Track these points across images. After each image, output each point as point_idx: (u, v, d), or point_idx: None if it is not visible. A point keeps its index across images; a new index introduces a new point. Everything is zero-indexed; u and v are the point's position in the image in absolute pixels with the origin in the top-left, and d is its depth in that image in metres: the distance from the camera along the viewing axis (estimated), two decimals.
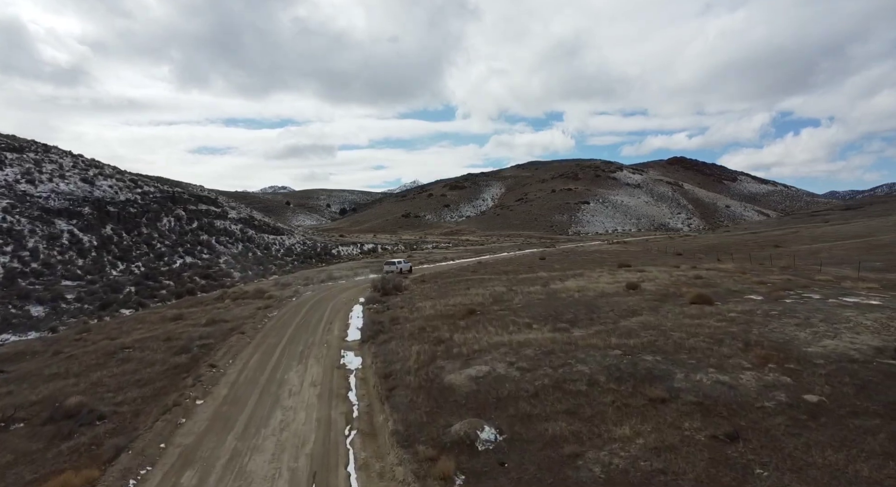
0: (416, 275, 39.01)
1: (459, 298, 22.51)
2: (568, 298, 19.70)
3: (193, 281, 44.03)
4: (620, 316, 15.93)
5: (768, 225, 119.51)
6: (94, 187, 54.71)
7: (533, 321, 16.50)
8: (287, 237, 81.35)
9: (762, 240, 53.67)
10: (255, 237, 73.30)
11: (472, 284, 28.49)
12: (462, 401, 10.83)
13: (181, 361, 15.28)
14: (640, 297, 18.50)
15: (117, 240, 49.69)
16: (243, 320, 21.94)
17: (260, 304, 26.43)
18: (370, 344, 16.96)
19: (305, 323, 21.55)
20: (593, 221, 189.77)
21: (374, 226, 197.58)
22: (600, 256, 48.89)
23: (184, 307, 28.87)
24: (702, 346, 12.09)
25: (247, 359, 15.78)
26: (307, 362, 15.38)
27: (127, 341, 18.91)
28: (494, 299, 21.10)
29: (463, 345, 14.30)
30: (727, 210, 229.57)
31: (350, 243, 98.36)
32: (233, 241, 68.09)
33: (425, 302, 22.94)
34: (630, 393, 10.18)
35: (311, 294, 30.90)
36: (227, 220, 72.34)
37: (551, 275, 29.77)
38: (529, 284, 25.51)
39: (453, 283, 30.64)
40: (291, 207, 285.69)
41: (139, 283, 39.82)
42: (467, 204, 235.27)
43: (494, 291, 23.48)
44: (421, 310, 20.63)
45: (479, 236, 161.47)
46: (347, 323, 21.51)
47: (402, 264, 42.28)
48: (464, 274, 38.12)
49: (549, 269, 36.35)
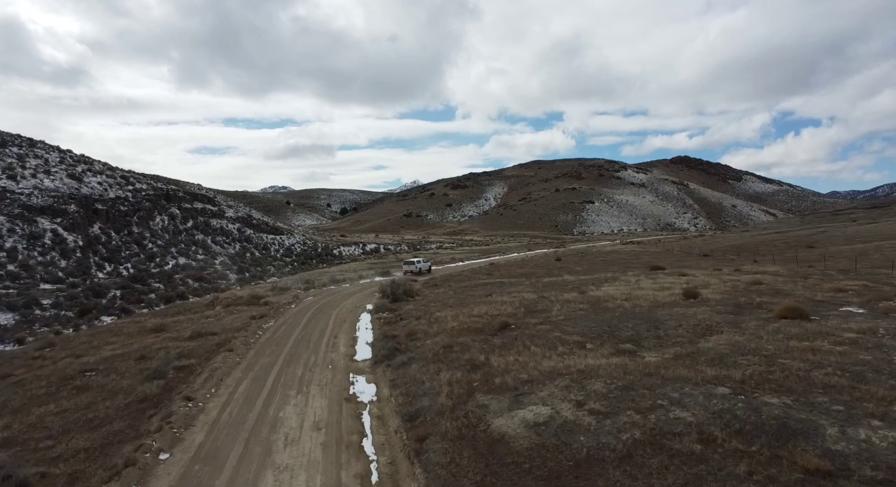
0: (426, 278, 35.98)
1: (484, 307, 19.48)
2: (617, 309, 16.66)
3: (185, 284, 41.00)
4: (696, 335, 12.89)
5: (791, 224, 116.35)
6: (81, 184, 51.68)
7: (585, 339, 13.47)
8: (287, 237, 78.36)
9: (791, 240, 50.65)
10: (253, 237, 70.31)
11: (493, 289, 25.46)
12: (524, 464, 7.79)
13: (150, 391, 12.25)
14: (708, 308, 15.45)
15: (105, 239, 46.68)
16: (234, 332, 18.91)
17: (254, 312, 23.40)
18: (384, 365, 13.94)
19: (306, 336, 18.52)
20: (598, 221, 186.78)
21: (376, 225, 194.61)
22: (622, 257, 45.85)
23: (169, 315, 25.83)
24: (839, 383, 9.04)
25: (233, 387, 12.75)
26: (308, 391, 12.36)
27: (92, 360, 15.88)
28: (527, 309, 18.06)
29: (506, 373, 11.28)
30: (733, 210, 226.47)
31: (352, 243, 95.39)
32: (230, 241, 65.10)
33: (444, 311, 19.91)
34: (769, 460, 7.12)
35: (312, 300, 27.86)
36: (223, 219, 69.32)
37: (580, 279, 26.73)
38: (561, 290, 22.47)
39: (470, 288, 27.61)
40: (291, 207, 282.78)
41: (126, 286, 36.79)
42: (470, 203, 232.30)
43: (523, 299, 20.45)
44: (442, 322, 17.60)
45: (482, 236, 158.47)
46: (355, 336, 18.50)
47: (421, 263, 41.03)
48: (478, 276, 35.12)
49: (572, 272, 33.33)
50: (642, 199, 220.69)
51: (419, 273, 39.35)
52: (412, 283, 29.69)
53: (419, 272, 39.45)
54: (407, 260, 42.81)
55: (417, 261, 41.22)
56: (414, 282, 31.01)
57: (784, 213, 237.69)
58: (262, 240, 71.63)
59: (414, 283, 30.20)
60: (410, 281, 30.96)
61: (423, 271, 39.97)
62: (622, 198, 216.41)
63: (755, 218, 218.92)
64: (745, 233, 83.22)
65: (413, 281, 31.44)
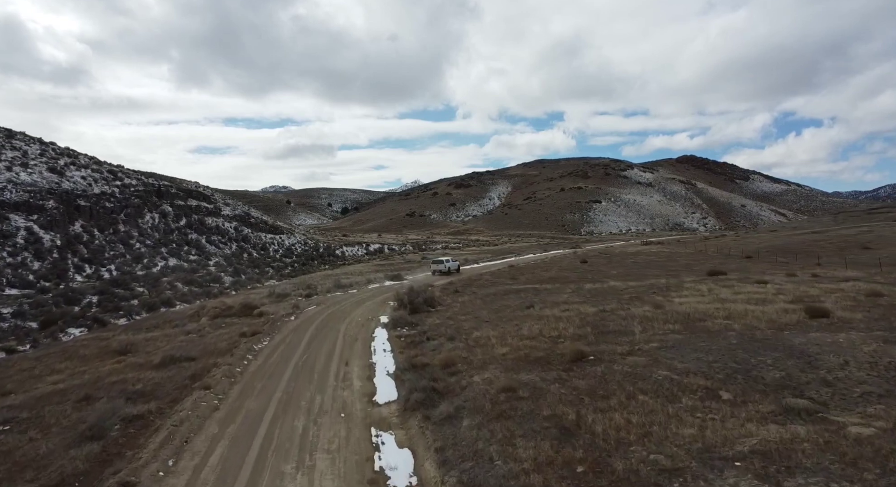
0: (444, 282, 31.89)
1: (533, 324, 15.37)
2: (723, 331, 12.52)
3: (173, 288, 36.89)
4: (889, 382, 8.74)
5: (824, 223, 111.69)
6: (62, 178, 47.56)
7: (712, 382, 9.34)
8: (287, 236, 74.26)
9: (836, 241, 46.49)
10: (251, 236, 66.21)
11: (530, 298, 21.36)
12: None
13: (74, 467, 8.14)
14: (862, 334, 11.31)
15: (87, 238, 42.59)
16: (216, 357, 14.80)
17: (246, 327, 19.27)
18: (420, 417, 9.82)
19: (308, 362, 14.41)
20: (606, 220, 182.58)
21: (378, 225, 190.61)
22: (656, 259, 41.70)
23: (144, 329, 21.72)
24: None
25: (201, 458, 8.63)
26: (313, 464, 8.28)
27: (19, 401, 11.79)
28: (595, 328, 13.93)
29: (623, 448, 7.18)
30: (743, 209, 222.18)
31: (354, 243, 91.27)
32: (226, 241, 61.01)
33: (483, 328, 15.80)
34: None
35: (314, 309, 23.74)
36: (220, 218, 65.22)
37: (631, 286, 22.59)
38: (621, 300, 18.34)
39: (500, 296, 23.50)
40: (292, 206, 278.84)
41: (104, 291, 32.69)
42: (473, 203, 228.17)
43: (582, 313, 16.32)
44: (485, 346, 13.49)
45: (488, 236, 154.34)
46: (371, 361, 14.41)
47: (450, 263, 39.52)
48: (501, 280, 31.01)
49: (611, 276, 29.20)
50: (650, 199, 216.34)
51: (448, 272, 37.94)
52: (431, 290, 25.59)
53: (448, 271, 37.99)
54: (435, 260, 41.21)
55: (446, 260, 39.55)
56: (432, 288, 26.92)
57: (794, 213, 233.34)
58: (261, 240, 67.54)
59: (433, 290, 26.11)
60: (430, 288, 26.89)
61: (451, 270, 38.56)
62: (629, 197, 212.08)
63: (765, 218, 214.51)
64: (774, 232, 79.04)
65: (432, 287, 27.35)
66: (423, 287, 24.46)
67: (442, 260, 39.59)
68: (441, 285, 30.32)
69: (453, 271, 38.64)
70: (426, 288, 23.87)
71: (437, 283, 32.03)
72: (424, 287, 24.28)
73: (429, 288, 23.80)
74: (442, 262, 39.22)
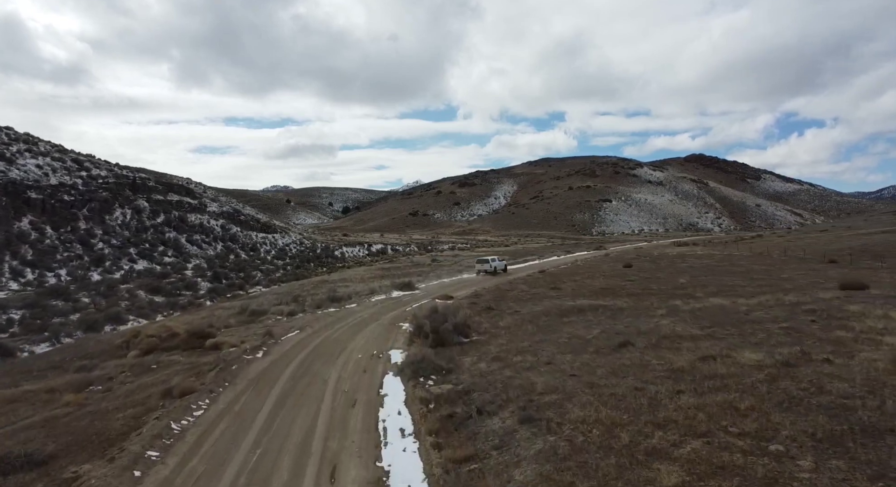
0: (468, 292, 24.96)
1: (664, 387, 8.40)
2: None
3: (132, 298, 30.03)
4: None
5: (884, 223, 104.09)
6: (11, 166, 40.76)
7: None
8: (280, 236, 67.39)
9: None
10: (239, 235, 59.34)
11: (608, 324, 14.38)
12: None
13: None
14: None
15: (36, 237, 35.75)
16: (89, 455, 7.88)
17: (181, 374, 12.33)
18: None
19: (261, 467, 7.46)
20: (617, 220, 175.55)
21: (380, 224, 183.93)
22: (719, 264, 34.71)
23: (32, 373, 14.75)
24: None
25: None
26: None
27: None
28: (787, 397, 6.93)
29: None
30: (758, 209, 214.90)
31: (355, 243, 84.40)
32: (210, 240, 54.15)
33: (568, 388, 8.81)
34: None
35: (296, 337, 16.78)
36: (205, 215, 58.36)
37: (749, 306, 15.60)
38: (770, 334, 11.31)
39: (554, 318, 16.59)
40: (292, 205, 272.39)
41: (36, 304, 25.81)
42: (479, 202, 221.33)
43: (742, 367, 9.31)
44: (614, 451, 6.48)
45: (495, 236, 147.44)
46: (378, 464, 7.58)
47: (497, 262, 36.60)
48: (541, 291, 24.15)
49: (687, 287, 22.25)
50: (661, 198, 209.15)
51: (494, 273, 35.22)
52: (456, 306, 18.65)
53: (494, 272, 35.29)
54: (480, 259, 38.14)
55: (492, 259, 36.64)
56: (454, 302, 19.99)
57: (809, 213, 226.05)
58: (251, 240, 60.67)
59: (457, 305, 19.20)
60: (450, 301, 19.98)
61: (498, 271, 35.73)
62: (640, 196, 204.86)
63: (781, 218, 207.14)
64: (825, 232, 71.87)
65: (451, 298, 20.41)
66: (455, 309, 17.45)
67: (487, 260, 36.57)
68: (465, 297, 23.36)
69: (500, 271, 35.63)
70: (458, 310, 16.85)
71: (460, 294, 25.10)
72: (456, 309, 17.27)
73: (458, 310, 16.77)
74: (487, 261, 36.20)
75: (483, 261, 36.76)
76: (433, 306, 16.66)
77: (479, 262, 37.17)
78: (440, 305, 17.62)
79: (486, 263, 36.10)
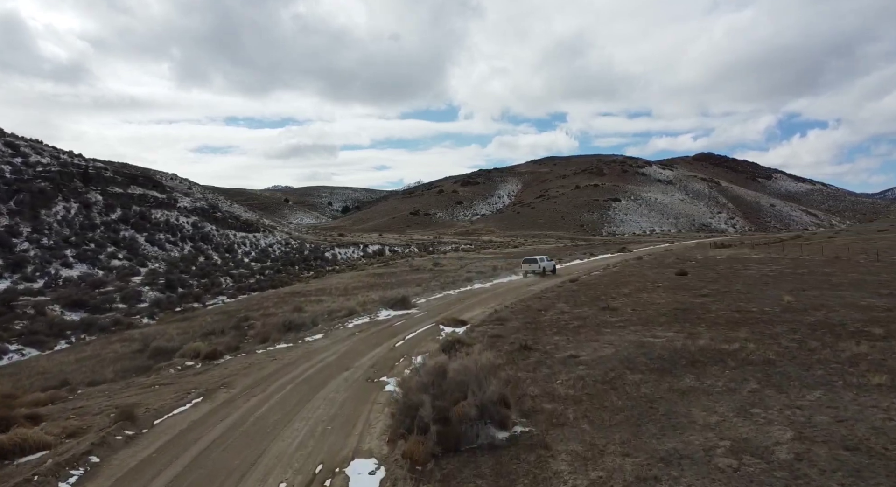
0: (484, 312, 17.44)
1: None
2: None
3: (35, 317, 22.59)
4: None
5: None
6: None
7: None
8: (263, 235, 59.96)
9: None
10: (213, 234, 51.94)
11: (792, 394, 6.84)
12: None
13: None
14: None
15: None
16: None
17: None
18: None
19: None
20: (627, 220, 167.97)
21: (380, 224, 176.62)
22: (793, 271, 27.20)
23: None
24: None
25: None
26: None
27: None
28: None
29: None
30: (772, 209, 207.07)
31: (350, 244, 76.96)
32: (177, 240, 46.76)
33: None
34: None
35: (178, 424, 9.20)
36: (173, 210, 50.96)
37: None
38: None
39: (668, 385, 9.03)
40: (290, 205, 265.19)
41: None
42: (482, 201, 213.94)
43: None
44: None
45: (500, 236, 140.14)
46: None
47: (545, 262, 34.14)
48: (585, 309, 16.80)
49: (789, 307, 14.80)
50: (671, 197, 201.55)
51: (543, 274, 32.62)
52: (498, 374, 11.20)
53: (543, 273, 32.73)
54: (527, 258, 35.20)
55: (540, 259, 33.98)
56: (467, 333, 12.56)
57: (824, 214, 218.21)
58: (228, 240, 53.28)
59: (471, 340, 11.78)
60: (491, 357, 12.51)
61: (547, 272, 33.07)
62: (650, 195, 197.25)
63: (797, 219, 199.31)
64: (885, 232, 64.27)
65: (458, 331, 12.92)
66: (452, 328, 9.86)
67: (535, 259, 33.87)
68: (482, 321, 15.87)
69: (549, 272, 33.04)
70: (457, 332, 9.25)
71: (473, 315, 17.67)
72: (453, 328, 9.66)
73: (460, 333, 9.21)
74: (535, 261, 33.54)
75: (531, 261, 33.78)
76: (438, 365, 9.09)
77: (526, 262, 34.25)
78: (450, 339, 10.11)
79: (535, 263, 33.16)
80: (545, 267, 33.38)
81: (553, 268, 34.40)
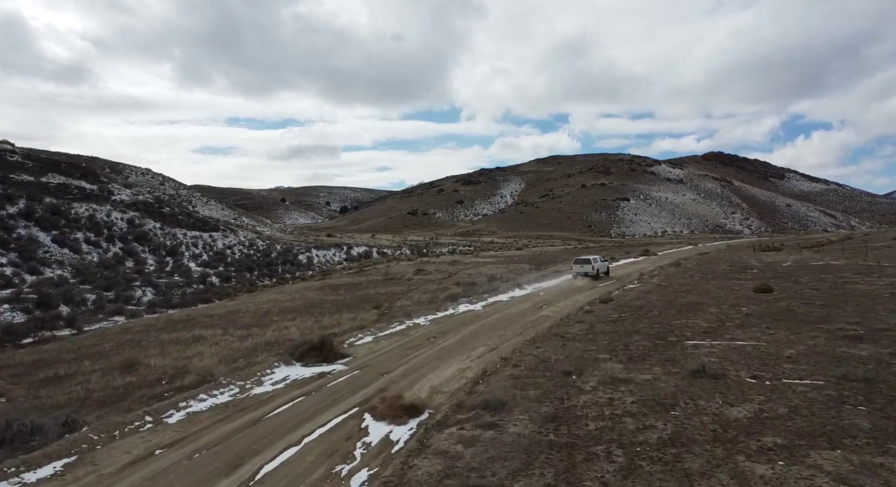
0: (465, 382, 8.47)
1: None
2: None
3: None
4: None
5: None
6: None
7: None
8: (223, 235, 51.07)
9: None
10: (155, 233, 43.08)
11: None
12: None
13: None
14: None
15: None
16: None
17: None
18: None
19: None
20: (637, 221, 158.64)
21: (376, 224, 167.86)
22: None
23: None
24: None
25: None
26: None
27: None
28: None
29: None
30: (789, 210, 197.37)
31: (331, 245, 68.00)
32: (103, 240, 37.92)
33: None
34: None
35: None
36: (105, 204, 42.17)
37: None
38: None
39: None
40: (286, 205, 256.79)
41: None
42: (483, 201, 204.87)
43: None
44: None
45: (502, 237, 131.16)
46: None
47: (598, 263, 30.62)
48: (689, 391, 7.41)
49: None
50: (683, 197, 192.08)
51: (596, 276, 29.45)
52: None
53: (595, 275, 29.51)
54: (578, 259, 32.04)
55: (594, 259, 30.90)
56: None
57: (842, 215, 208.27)
58: (175, 240, 44.47)
59: None
60: None
61: (599, 274, 30.05)
62: (660, 195, 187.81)
63: (815, 219, 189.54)
64: None
65: None
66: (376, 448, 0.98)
67: (588, 259, 31.15)
68: (446, 445, 6.95)
69: (602, 274, 30.55)
70: None
71: (445, 392, 8.70)
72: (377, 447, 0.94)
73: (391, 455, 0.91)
74: (588, 262, 30.87)
75: (583, 262, 30.99)
76: None
77: (578, 263, 31.57)
78: None
79: (587, 264, 30.33)
80: (598, 267, 30.15)
81: (606, 270, 31.50)
